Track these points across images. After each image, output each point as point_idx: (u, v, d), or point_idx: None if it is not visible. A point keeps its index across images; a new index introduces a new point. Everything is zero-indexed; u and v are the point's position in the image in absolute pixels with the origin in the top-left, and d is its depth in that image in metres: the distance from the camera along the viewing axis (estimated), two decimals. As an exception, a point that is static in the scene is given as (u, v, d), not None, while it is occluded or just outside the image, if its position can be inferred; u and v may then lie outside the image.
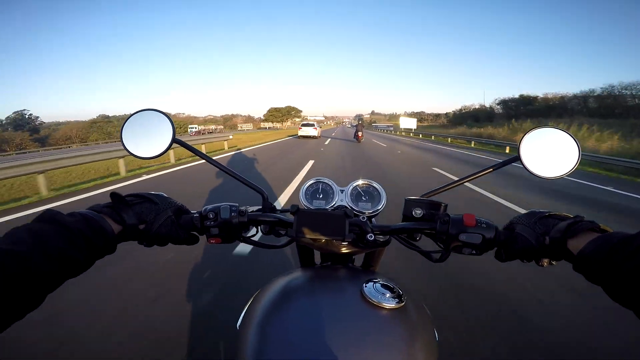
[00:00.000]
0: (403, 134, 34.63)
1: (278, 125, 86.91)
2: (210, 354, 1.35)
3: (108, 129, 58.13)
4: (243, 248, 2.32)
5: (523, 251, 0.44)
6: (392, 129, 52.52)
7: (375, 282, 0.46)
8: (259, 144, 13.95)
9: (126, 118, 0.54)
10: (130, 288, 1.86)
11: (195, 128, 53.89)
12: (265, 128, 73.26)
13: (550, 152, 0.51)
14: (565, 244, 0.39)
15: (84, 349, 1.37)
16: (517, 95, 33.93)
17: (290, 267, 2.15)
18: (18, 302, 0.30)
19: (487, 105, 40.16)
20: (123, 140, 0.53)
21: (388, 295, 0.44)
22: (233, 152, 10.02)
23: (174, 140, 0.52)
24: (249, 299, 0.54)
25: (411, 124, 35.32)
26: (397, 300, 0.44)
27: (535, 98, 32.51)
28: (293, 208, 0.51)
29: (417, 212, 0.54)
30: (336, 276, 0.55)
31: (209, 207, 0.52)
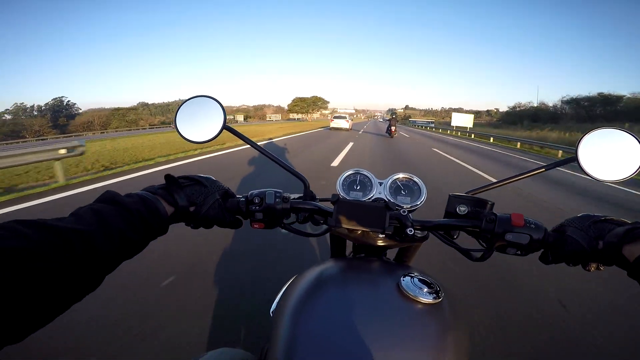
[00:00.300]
0: (449, 132, 28.81)
1: (302, 116, 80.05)
2: (244, 338, 1.40)
3: (130, 116, 59.66)
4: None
5: (572, 254, 0.43)
6: (432, 125, 47.49)
7: (412, 277, 0.46)
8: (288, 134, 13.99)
9: (180, 103, 0.57)
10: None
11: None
12: (294, 119, 70.94)
13: (610, 155, 0.48)
14: (621, 249, 0.38)
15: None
16: (593, 93, 29.25)
17: (314, 256, 2.20)
18: (80, 282, 0.30)
19: (550, 103, 35.44)
20: (177, 124, 0.56)
21: (425, 290, 0.44)
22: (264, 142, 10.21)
23: (224, 126, 0.54)
24: (282, 286, 0.55)
25: (466, 121, 28.65)
26: (434, 295, 0.43)
27: (619, 98, 27.58)
28: (334, 197, 0.52)
29: (462, 209, 0.53)
30: (372, 268, 0.55)
31: (255, 192, 0.53)
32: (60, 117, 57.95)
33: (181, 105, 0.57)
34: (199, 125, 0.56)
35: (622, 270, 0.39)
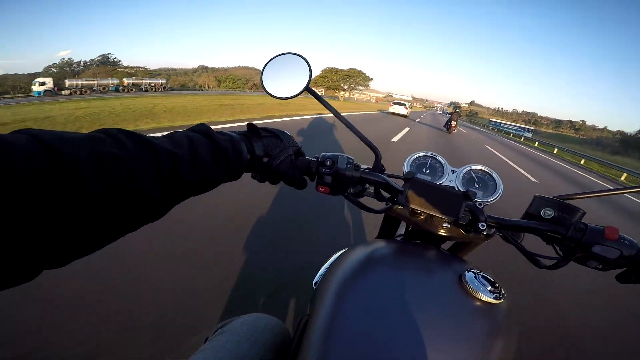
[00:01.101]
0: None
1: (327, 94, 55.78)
2: (285, 306, 1.41)
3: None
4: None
5: None
6: (529, 134, 32.57)
7: (476, 273, 0.44)
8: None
9: (268, 60, 0.57)
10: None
11: (45, 84, 34.19)
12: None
13: None
14: None
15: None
16: None
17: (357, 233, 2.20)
18: (153, 206, 0.30)
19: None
20: (263, 80, 0.57)
21: (489, 288, 0.42)
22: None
23: (307, 87, 0.54)
24: (328, 258, 0.55)
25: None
26: (496, 295, 0.41)
27: None
28: (408, 174, 0.50)
29: (547, 213, 0.48)
30: (432, 256, 0.53)
31: (328, 154, 0.53)
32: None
33: (268, 62, 0.57)
34: (284, 82, 0.56)
35: None
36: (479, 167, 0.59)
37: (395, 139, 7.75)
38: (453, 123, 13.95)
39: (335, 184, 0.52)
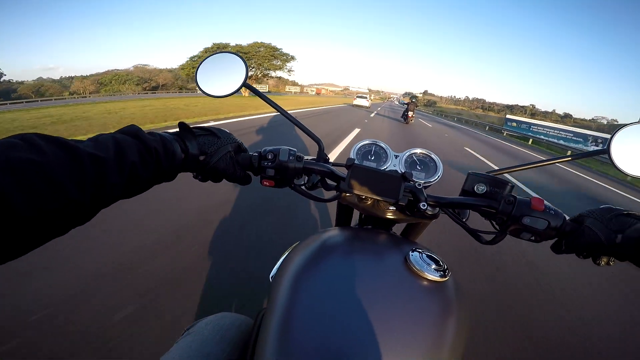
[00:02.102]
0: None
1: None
2: (243, 303, 1.38)
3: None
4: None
5: (588, 246, 0.42)
6: (554, 139, 15.31)
7: (421, 252, 0.46)
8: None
9: (203, 59, 0.56)
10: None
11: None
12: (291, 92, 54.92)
13: None
14: None
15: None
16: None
17: (315, 224, 2.22)
18: (76, 211, 0.29)
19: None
20: (198, 80, 0.56)
21: (433, 266, 0.43)
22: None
23: (244, 84, 0.54)
24: (284, 252, 0.55)
25: None
26: (441, 273, 0.43)
27: None
28: (349, 161, 0.51)
29: (480, 188, 0.52)
30: (379, 240, 0.55)
31: (269, 148, 0.53)
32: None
33: (203, 61, 0.57)
34: (219, 81, 0.55)
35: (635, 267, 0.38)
36: (419, 150, 0.63)
37: (353, 133, 7.09)
38: (410, 113, 13.91)
39: (279, 177, 0.53)
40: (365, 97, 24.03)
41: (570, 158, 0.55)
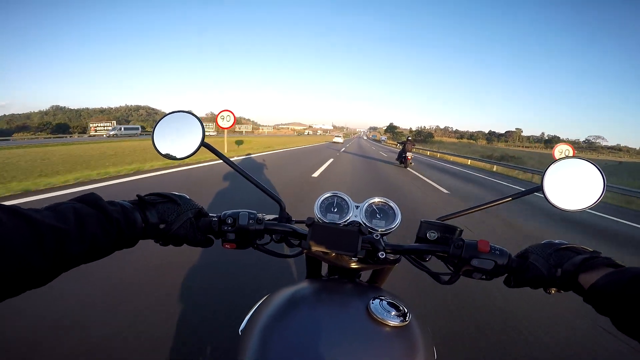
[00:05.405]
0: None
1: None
2: (212, 357, 1.33)
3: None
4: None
5: (533, 280, 0.46)
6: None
7: (382, 300, 0.47)
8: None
9: (159, 119, 0.56)
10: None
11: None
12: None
13: (574, 184, 0.51)
14: (577, 277, 0.41)
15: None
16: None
17: (291, 274, 2.15)
18: (34, 276, 0.29)
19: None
20: (154, 140, 0.55)
21: (393, 313, 0.45)
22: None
23: (203, 143, 0.53)
24: (253, 305, 0.55)
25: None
26: (401, 318, 0.45)
27: None
28: (309, 220, 0.53)
29: (432, 235, 0.55)
30: (343, 290, 0.56)
31: (229, 212, 0.54)
32: None
33: (159, 121, 0.56)
34: (177, 142, 0.55)
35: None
36: (377, 199, 0.65)
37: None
38: (409, 155, 10.82)
39: (240, 239, 0.53)
40: (340, 136, 36.99)
41: (510, 198, 0.59)
